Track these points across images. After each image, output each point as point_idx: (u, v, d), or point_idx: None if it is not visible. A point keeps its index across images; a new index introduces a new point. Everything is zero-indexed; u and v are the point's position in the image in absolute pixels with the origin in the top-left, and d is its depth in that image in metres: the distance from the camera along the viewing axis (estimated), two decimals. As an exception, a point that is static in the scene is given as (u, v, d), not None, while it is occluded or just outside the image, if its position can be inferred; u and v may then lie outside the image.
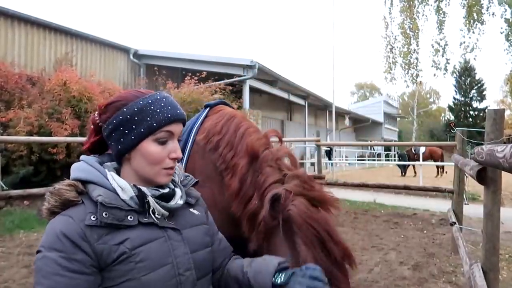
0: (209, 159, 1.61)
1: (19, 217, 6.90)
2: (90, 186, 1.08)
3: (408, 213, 8.12)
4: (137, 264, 1.01)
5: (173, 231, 1.13)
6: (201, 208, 1.31)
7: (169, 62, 14.40)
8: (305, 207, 1.28)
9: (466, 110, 45.07)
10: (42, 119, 8.27)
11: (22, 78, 9.39)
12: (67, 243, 0.97)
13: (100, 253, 0.99)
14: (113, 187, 1.08)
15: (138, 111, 1.10)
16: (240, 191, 1.49)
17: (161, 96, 1.15)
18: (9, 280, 4.02)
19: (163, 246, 1.08)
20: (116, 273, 1.00)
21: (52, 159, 8.09)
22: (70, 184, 1.07)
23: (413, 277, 4.28)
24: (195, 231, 1.20)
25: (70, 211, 1.03)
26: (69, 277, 0.95)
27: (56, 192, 1.05)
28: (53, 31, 12.32)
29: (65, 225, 0.99)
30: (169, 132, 1.12)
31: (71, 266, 0.95)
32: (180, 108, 1.17)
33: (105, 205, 1.03)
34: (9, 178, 7.56)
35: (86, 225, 1.00)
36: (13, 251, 5.00)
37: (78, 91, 9.07)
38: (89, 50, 13.48)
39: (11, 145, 7.66)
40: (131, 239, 1.03)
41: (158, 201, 1.11)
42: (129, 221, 1.05)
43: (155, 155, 1.10)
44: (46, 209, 1.05)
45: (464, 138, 5.12)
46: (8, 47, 11.01)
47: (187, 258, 1.12)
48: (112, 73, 14.02)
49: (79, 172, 1.11)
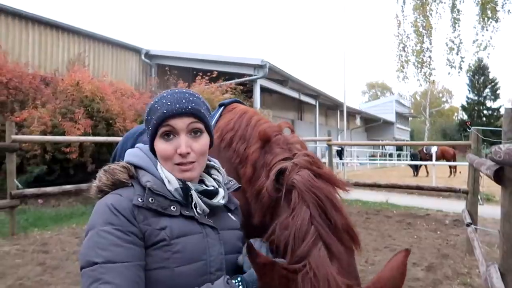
0: (224, 157, 1.59)
1: (33, 216, 7.00)
2: (141, 172, 1.15)
3: (421, 214, 8.03)
4: (173, 254, 1.03)
5: (211, 229, 1.14)
6: (238, 217, 1.32)
7: (180, 62, 14.47)
8: (309, 177, 1.23)
9: (479, 109, 44.46)
10: (55, 118, 8.38)
11: (36, 79, 9.52)
12: (121, 216, 1.02)
13: (144, 232, 1.03)
14: (161, 177, 1.14)
15: (149, 111, 1.17)
16: (253, 175, 1.45)
17: (167, 93, 1.18)
18: (24, 277, 4.07)
19: (200, 242, 1.09)
20: (152, 258, 1.03)
21: (65, 158, 8.19)
22: (124, 166, 1.14)
23: (426, 278, 4.22)
24: (231, 235, 1.21)
25: (119, 191, 1.09)
26: (127, 247, 0.99)
27: (109, 171, 1.12)
28: (66, 32, 12.47)
29: (117, 201, 1.05)
30: (169, 126, 1.12)
31: (127, 237, 1.00)
32: (184, 102, 1.14)
33: (153, 191, 1.09)
34: (24, 177, 7.67)
35: (134, 204, 1.05)
36: (28, 249, 5.06)
37: (90, 91, 9.17)
38: (101, 50, 13.62)
39: (26, 145, 7.77)
40: (171, 228, 1.06)
41: (201, 197, 1.14)
42: (172, 211, 1.09)
43: (163, 151, 1.14)
44: (96, 187, 1.11)
45: (481, 137, 5.03)
46: (23, 48, 11.19)
47: (220, 258, 1.12)
48: (124, 73, 14.14)
49: (133, 157, 1.19)
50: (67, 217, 7.08)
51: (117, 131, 9.01)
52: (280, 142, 1.46)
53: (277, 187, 1.29)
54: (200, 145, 1.16)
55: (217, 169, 1.30)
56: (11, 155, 5.96)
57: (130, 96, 10.70)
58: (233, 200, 1.32)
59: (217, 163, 1.33)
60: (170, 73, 12.81)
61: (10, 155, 5.95)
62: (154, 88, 13.68)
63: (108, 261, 0.95)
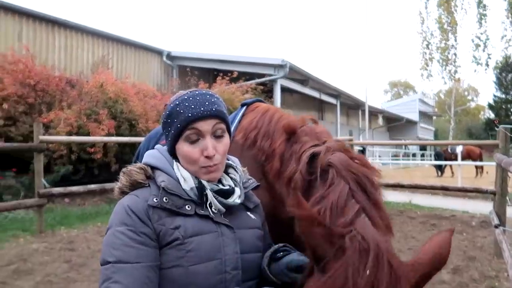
0: (247, 156, 1.57)
1: (60, 214, 7.20)
2: (157, 172, 1.17)
3: (446, 215, 7.84)
4: (187, 253, 1.05)
5: (226, 228, 1.14)
6: (259, 216, 1.30)
7: (201, 63, 14.60)
8: (345, 157, 1.20)
9: (507, 108, 43.03)
10: (80, 119, 8.59)
11: (62, 81, 9.77)
12: (134, 217, 1.05)
13: (158, 232, 1.06)
14: (177, 176, 1.16)
15: (169, 114, 1.18)
16: (281, 167, 1.42)
17: (188, 96, 1.18)
18: (51, 274, 4.19)
19: (215, 240, 1.10)
20: (167, 257, 1.05)
21: (90, 158, 8.39)
22: (141, 168, 1.17)
23: (453, 281, 4.12)
24: (248, 233, 1.20)
25: (136, 192, 1.13)
26: (137, 248, 1.01)
27: (127, 173, 1.15)
28: (91, 35, 12.77)
29: (132, 203, 1.09)
30: (195, 129, 1.13)
31: (138, 238, 1.03)
32: (208, 105, 1.15)
33: (167, 190, 1.10)
34: (51, 176, 7.89)
35: (149, 205, 1.08)
36: (55, 247, 5.21)
37: (114, 93, 9.37)
38: (124, 52, 13.87)
39: (52, 145, 7.99)
40: (186, 227, 1.08)
41: (216, 196, 1.15)
42: (187, 210, 1.11)
43: (188, 155, 1.14)
44: (118, 188, 1.15)
45: (510, 135, 4.87)
46: (49, 51, 11.52)
47: (236, 257, 1.12)
48: (146, 74, 14.36)
49: (150, 158, 1.22)
50: (92, 216, 7.25)
51: (140, 132, 9.17)
52: (307, 132, 1.44)
53: (311, 170, 1.25)
54: (224, 145, 1.18)
55: (235, 168, 1.29)
56: (39, 155, 6.14)
57: (152, 97, 10.87)
58: (253, 199, 1.31)
59: (235, 161, 1.32)
60: (191, 74, 12.94)
61: (38, 155, 6.13)
62: (175, 89, 13.84)
63: (120, 261, 0.99)
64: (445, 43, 9.77)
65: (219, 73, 12.43)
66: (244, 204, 1.24)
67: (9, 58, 9.04)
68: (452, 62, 9.94)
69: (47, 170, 7.63)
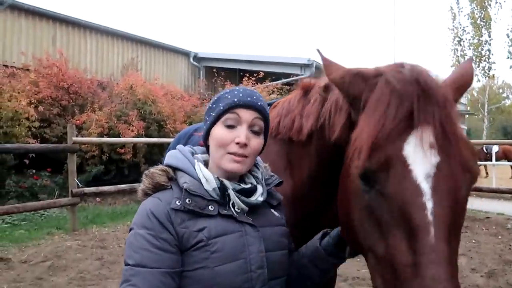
0: (273, 144, 1.52)
1: (92, 213, 7.43)
2: (179, 173, 1.17)
3: (480, 217, 7.56)
4: (212, 254, 1.05)
5: (250, 227, 1.14)
6: (282, 212, 1.30)
7: (227, 64, 14.69)
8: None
9: (546, 105, 41.07)
10: (111, 121, 8.84)
11: (93, 83, 10.09)
12: (155, 222, 1.05)
13: (181, 236, 1.05)
14: (199, 176, 1.15)
15: (217, 99, 1.21)
16: (301, 119, 1.43)
17: (238, 88, 1.22)
18: (84, 271, 4.33)
19: (238, 240, 1.10)
20: (192, 259, 1.05)
21: (120, 158, 8.62)
22: (163, 169, 1.17)
23: (487, 285, 3.97)
24: (273, 231, 1.20)
25: (159, 194, 1.13)
26: (155, 253, 1.02)
27: (150, 175, 1.17)
28: (121, 38, 13.12)
29: (154, 206, 1.09)
30: (235, 114, 1.14)
31: (157, 243, 1.03)
32: (256, 98, 1.18)
33: (189, 192, 1.10)
34: (83, 176, 8.15)
35: (172, 208, 1.07)
36: (87, 244, 5.37)
37: (143, 94, 9.58)
38: (153, 54, 14.16)
39: (85, 146, 8.25)
40: (210, 228, 1.07)
41: (238, 195, 1.14)
42: (210, 211, 1.10)
43: (221, 136, 1.14)
44: (141, 190, 1.18)
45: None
46: (81, 55, 11.91)
47: (261, 256, 1.11)
48: (173, 76, 14.60)
49: (171, 159, 1.21)
50: (122, 215, 7.43)
51: (168, 133, 9.33)
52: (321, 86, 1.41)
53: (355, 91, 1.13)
54: (257, 143, 1.17)
55: (256, 165, 1.28)
56: (72, 156, 6.36)
57: (179, 98, 11.05)
58: (276, 196, 1.29)
59: (256, 159, 1.29)
60: (217, 75, 13.06)
61: (71, 156, 6.35)
62: (202, 90, 14.01)
63: (138, 264, 1.01)
64: (478, 39, 9.46)
65: (245, 74, 12.48)
66: (267, 201, 1.23)
67: (44, 62, 9.41)
68: (486, 59, 9.61)
69: (80, 170, 7.89)
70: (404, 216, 0.86)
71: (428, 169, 0.86)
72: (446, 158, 0.87)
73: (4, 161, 7.45)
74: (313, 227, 1.43)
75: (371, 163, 0.89)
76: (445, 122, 0.90)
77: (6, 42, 10.36)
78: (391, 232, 0.88)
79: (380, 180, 0.89)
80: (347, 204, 1.03)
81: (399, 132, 0.89)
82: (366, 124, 0.94)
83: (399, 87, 0.93)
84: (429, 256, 0.81)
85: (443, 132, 0.89)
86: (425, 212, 0.84)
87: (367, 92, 1.00)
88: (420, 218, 0.84)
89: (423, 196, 0.85)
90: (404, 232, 0.86)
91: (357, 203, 0.97)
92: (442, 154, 0.87)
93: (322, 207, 1.50)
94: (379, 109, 0.93)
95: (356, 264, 4.52)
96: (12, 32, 10.51)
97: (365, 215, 0.94)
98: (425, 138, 0.87)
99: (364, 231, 0.95)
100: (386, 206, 0.89)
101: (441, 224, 0.84)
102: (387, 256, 0.88)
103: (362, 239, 0.97)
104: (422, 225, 0.83)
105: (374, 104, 0.95)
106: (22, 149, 6.84)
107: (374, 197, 0.91)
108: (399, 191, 0.87)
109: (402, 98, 0.91)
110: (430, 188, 0.85)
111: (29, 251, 4.99)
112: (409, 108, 0.90)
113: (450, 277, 0.80)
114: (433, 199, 0.85)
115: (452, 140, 0.89)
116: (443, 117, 0.90)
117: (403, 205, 0.86)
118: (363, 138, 0.91)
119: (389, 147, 0.88)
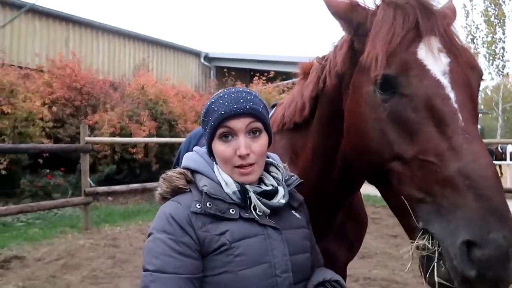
0: (277, 142, 1.53)
1: (104, 212, 7.50)
2: (198, 176, 1.14)
3: (494, 217, 7.43)
4: (235, 258, 1.02)
5: (273, 230, 1.10)
6: (303, 214, 1.26)
7: (237, 64, 14.72)
8: None
9: (562, 103, 40.23)
10: (123, 121, 8.91)
11: (106, 84, 10.20)
12: (176, 226, 1.03)
13: (203, 240, 1.03)
14: (218, 179, 1.12)
15: (206, 112, 1.15)
16: (302, 104, 1.49)
17: (224, 93, 1.15)
18: (97, 269, 4.37)
19: (262, 243, 1.06)
20: (215, 263, 1.03)
21: (132, 158, 8.69)
22: (181, 173, 1.14)
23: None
24: (296, 234, 1.16)
25: (179, 198, 1.10)
26: (176, 258, 1.00)
27: (167, 179, 1.13)
28: (132, 39, 13.24)
29: (174, 210, 1.06)
30: (228, 127, 1.09)
31: (178, 248, 1.01)
32: (242, 102, 1.10)
33: (210, 195, 1.07)
34: (96, 176, 8.24)
35: (192, 212, 1.05)
36: (100, 243, 5.43)
37: (154, 94, 9.65)
38: (164, 55, 14.25)
39: (97, 146, 8.35)
40: (232, 231, 1.05)
41: (259, 198, 1.10)
42: (231, 214, 1.07)
43: (221, 153, 1.11)
44: (159, 194, 1.14)
45: None
46: (94, 56, 12.06)
47: (285, 259, 1.08)
48: (184, 76, 14.68)
49: (189, 161, 1.18)
50: (134, 214, 7.49)
51: (179, 132, 9.38)
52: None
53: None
54: (260, 145, 1.12)
55: (276, 166, 1.23)
56: (85, 156, 6.42)
57: (190, 98, 11.10)
58: (297, 197, 1.25)
59: (275, 159, 1.27)
60: (228, 75, 13.09)
61: (84, 156, 6.42)
62: (213, 89, 14.06)
63: (158, 270, 0.99)
64: (492, 37, 9.30)
65: (255, 73, 12.49)
66: (289, 203, 1.18)
67: (57, 63, 9.54)
68: (500, 57, 9.44)
69: (92, 170, 7.98)
70: (432, 109, 0.97)
71: (443, 67, 1.00)
72: (455, 59, 1.02)
73: (19, 161, 7.58)
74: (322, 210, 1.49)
75: (391, 69, 1.01)
76: (448, 31, 1.06)
77: (21, 43, 10.54)
78: (420, 129, 0.97)
79: (402, 83, 1.01)
80: (363, 125, 1.10)
81: (409, 41, 1.03)
82: (376, 38, 1.05)
83: (401, 4, 1.07)
84: (463, 135, 0.91)
85: (448, 39, 1.04)
86: (450, 101, 0.96)
87: (371, 16, 1.13)
88: (447, 107, 0.95)
89: (445, 89, 0.98)
90: (434, 125, 0.96)
91: (376, 118, 1.06)
92: (451, 56, 1.02)
93: (331, 193, 1.50)
94: (386, 24, 1.05)
95: (367, 265, 4.49)
96: (27, 34, 10.70)
97: (388, 125, 1.03)
98: (433, 44, 1.02)
99: (388, 142, 1.03)
100: (411, 106, 0.99)
101: (465, 110, 0.96)
102: (420, 153, 0.95)
103: (385, 152, 1.03)
104: (450, 112, 0.95)
105: (380, 22, 1.08)
106: (36, 149, 6.95)
107: (397, 102, 1.02)
108: (422, 88, 0.99)
109: (406, 12, 1.05)
110: (449, 82, 0.99)
111: (43, 249, 5.06)
112: (414, 20, 1.04)
113: (484, 149, 0.91)
114: (454, 90, 0.98)
115: (457, 45, 1.05)
116: (446, 26, 1.06)
117: (428, 99, 0.97)
118: (377, 48, 1.03)
119: (404, 53, 1.02)
